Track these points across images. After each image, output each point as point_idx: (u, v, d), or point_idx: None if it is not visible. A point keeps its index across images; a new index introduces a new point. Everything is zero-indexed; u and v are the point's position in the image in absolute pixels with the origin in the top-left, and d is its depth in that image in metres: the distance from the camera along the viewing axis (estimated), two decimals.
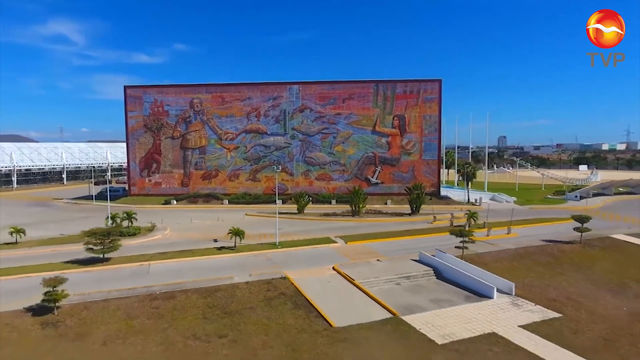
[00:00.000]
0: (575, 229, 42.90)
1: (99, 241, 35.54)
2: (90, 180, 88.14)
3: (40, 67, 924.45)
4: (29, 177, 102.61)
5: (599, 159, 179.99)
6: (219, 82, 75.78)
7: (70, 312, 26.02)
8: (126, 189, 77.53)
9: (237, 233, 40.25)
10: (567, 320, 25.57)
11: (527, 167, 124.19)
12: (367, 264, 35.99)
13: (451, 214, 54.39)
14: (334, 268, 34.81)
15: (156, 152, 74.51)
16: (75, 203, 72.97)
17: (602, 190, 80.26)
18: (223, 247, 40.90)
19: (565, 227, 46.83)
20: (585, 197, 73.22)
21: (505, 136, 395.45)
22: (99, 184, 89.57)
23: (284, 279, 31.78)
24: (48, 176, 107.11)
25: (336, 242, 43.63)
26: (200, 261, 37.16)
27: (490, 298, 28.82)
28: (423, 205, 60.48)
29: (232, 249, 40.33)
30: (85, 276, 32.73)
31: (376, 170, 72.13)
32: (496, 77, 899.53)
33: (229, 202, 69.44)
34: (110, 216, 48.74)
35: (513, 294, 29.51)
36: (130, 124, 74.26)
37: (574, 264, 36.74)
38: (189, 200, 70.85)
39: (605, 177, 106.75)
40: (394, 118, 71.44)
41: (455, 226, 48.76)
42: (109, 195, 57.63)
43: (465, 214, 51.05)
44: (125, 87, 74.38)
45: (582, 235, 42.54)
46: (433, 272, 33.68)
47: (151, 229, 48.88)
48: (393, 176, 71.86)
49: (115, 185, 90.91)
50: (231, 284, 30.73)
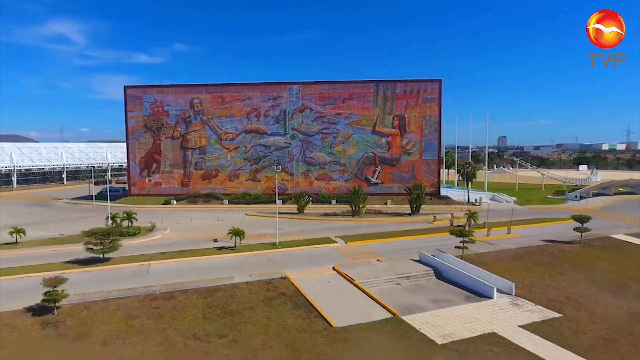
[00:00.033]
0: (575, 229, 42.91)
1: (99, 241, 35.57)
2: (90, 180, 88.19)
3: (40, 67, 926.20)
4: (29, 177, 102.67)
5: (599, 159, 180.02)
6: (219, 82, 75.82)
7: (70, 312, 26.03)
8: (126, 189, 77.55)
9: (237, 233, 40.27)
10: (567, 320, 25.57)
11: (527, 167, 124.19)
12: (367, 264, 36.00)
13: (451, 214, 54.41)
14: (334, 268, 34.83)
15: (156, 152, 74.54)
16: (75, 203, 73.00)
17: (602, 190, 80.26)
18: (223, 247, 40.92)
19: (565, 227, 46.82)
20: (585, 197, 73.24)
21: (505, 136, 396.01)
22: (99, 184, 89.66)
23: (284, 279, 31.79)
24: (48, 176, 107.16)
25: (336, 242, 43.65)
26: (200, 261, 37.18)
27: (490, 298, 28.83)
28: (423, 205, 60.50)
29: (232, 249, 40.35)
30: (85, 276, 32.75)
31: (376, 170, 72.14)
32: (496, 77, 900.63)
33: (229, 202, 69.47)
34: (110, 216, 48.74)
35: (513, 294, 29.52)
36: (130, 124, 74.31)
37: (574, 264, 36.76)
38: (189, 200, 70.88)
39: (605, 177, 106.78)
40: (394, 118, 71.47)
41: (455, 226, 48.77)
42: (109, 195, 57.67)
43: (465, 214, 51.05)
44: (125, 87, 74.42)
45: (582, 235, 42.56)
46: (433, 272, 33.69)
47: (151, 229, 48.91)
48: (393, 176, 71.88)
49: (115, 185, 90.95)
50: (231, 284, 30.75)
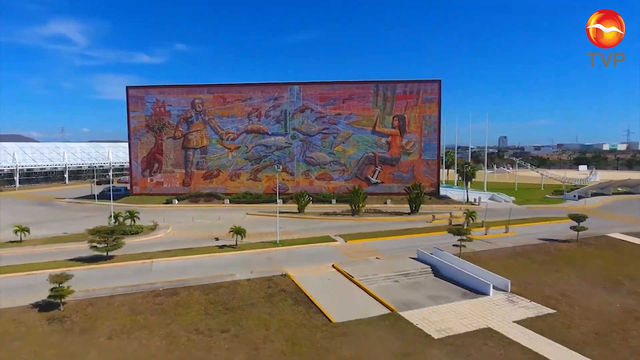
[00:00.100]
0: (572, 228, 43.42)
1: (103, 239, 36.19)
2: (92, 180, 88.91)
3: (41, 68, 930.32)
4: (31, 177, 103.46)
5: (599, 159, 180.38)
6: (220, 83, 76.52)
7: (76, 308, 26.65)
8: (128, 188, 78.23)
9: (239, 232, 40.86)
10: (561, 316, 26.12)
11: (527, 167, 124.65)
12: (366, 261, 36.59)
13: (450, 213, 55.00)
14: (333, 266, 35.42)
15: (158, 152, 75.17)
16: (78, 202, 73.66)
17: (601, 190, 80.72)
18: (224, 246, 41.53)
19: (563, 226, 47.26)
20: (584, 197, 73.71)
21: (505, 136, 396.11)
22: (101, 184, 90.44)
23: (285, 276, 32.38)
24: (50, 176, 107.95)
25: (336, 241, 44.23)
26: (202, 259, 37.81)
27: (486, 295, 29.37)
28: (422, 205, 61.04)
29: (234, 247, 40.95)
30: (89, 273, 33.37)
31: (376, 170, 72.70)
32: (496, 77, 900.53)
33: (230, 202, 70.06)
34: (113, 215, 49.36)
35: (509, 291, 30.07)
36: (132, 124, 74.97)
37: (570, 262, 37.31)
38: (191, 200, 71.50)
39: (604, 177, 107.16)
40: (393, 118, 72.02)
41: (453, 225, 49.33)
42: (112, 195, 58.28)
43: (464, 213, 51.59)
44: (128, 88, 75.08)
45: (579, 234, 43.09)
46: (431, 270, 34.24)
47: (153, 228, 49.54)
48: (393, 176, 72.44)
49: (117, 184, 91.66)
50: (233, 281, 31.34)
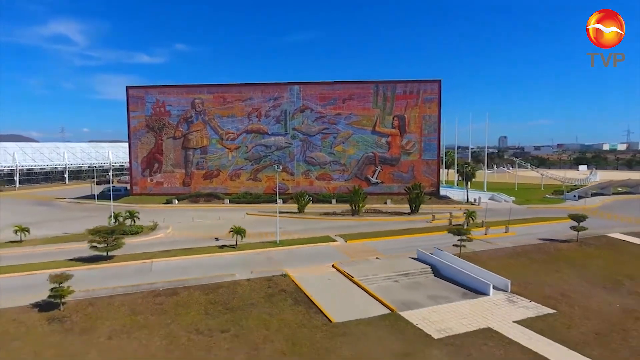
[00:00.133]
0: (572, 228, 43.43)
1: (103, 239, 36.20)
2: (92, 180, 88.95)
3: (41, 68, 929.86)
4: (31, 177, 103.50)
5: (599, 159, 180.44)
6: (221, 83, 76.54)
7: (76, 308, 26.66)
8: (128, 188, 78.24)
9: (239, 231, 40.86)
10: (561, 316, 26.13)
11: (527, 167, 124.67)
12: (366, 261, 36.60)
13: (450, 213, 55.01)
14: (333, 266, 35.43)
15: (158, 152, 75.18)
16: (78, 202, 73.67)
17: (601, 190, 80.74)
18: (224, 246, 41.54)
19: (563, 226, 47.27)
20: (584, 197, 73.73)
21: (506, 136, 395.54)
22: (101, 184, 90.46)
23: (285, 276, 32.39)
24: (50, 176, 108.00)
25: (336, 241, 44.24)
26: (202, 259, 37.82)
27: (486, 295, 29.38)
28: (422, 205, 61.05)
29: (234, 247, 40.96)
30: (89, 273, 33.37)
31: (376, 170, 72.71)
32: (496, 77, 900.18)
33: (230, 202, 70.07)
34: (113, 215, 49.36)
35: (509, 291, 30.07)
36: (132, 124, 74.97)
37: (570, 262, 37.31)
38: (191, 200, 71.51)
39: (604, 177, 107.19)
40: (393, 118, 72.03)
41: (453, 225, 49.34)
42: (112, 195, 58.31)
43: (464, 213, 51.60)
44: (128, 88, 75.10)
45: (579, 234, 43.10)
46: (431, 270, 34.25)
47: (153, 228, 49.55)
48: (393, 176, 72.45)
49: (117, 184, 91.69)
50: (233, 281, 31.36)
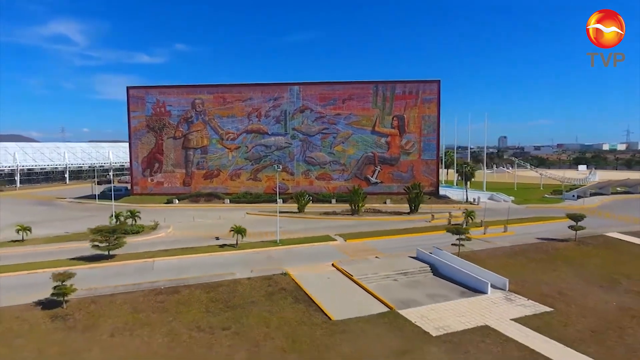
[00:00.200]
0: (570, 227, 43.73)
1: (105, 238, 36.53)
2: (92, 179, 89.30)
3: (41, 68, 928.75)
4: (31, 177, 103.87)
5: (599, 159, 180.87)
6: (221, 83, 76.87)
7: (79, 306, 26.98)
8: (128, 188, 78.54)
9: (239, 231, 41.16)
10: (558, 314, 26.42)
11: (526, 167, 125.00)
12: (366, 260, 36.91)
13: (449, 213, 55.30)
14: (333, 265, 35.74)
15: (158, 152, 75.49)
16: (79, 202, 73.99)
17: (600, 190, 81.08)
18: (225, 245, 41.83)
19: (561, 226, 47.61)
20: (583, 197, 74.03)
21: (505, 136, 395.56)
22: (102, 184, 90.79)
23: (285, 274, 32.71)
24: (51, 176, 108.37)
25: (336, 240, 44.55)
26: (203, 258, 38.12)
27: (484, 293, 29.68)
28: (422, 205, 61.37)
29: (234, 246, 41.26)
30: (91, 272, 33.67)
31: (376, 169, 73.02)
32: (496, 77, 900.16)
33: (231, 202, 70.38)
34: (114, 214, 49.65)
35: (507, 290, 30.37)
36: (133, 124, 75.28)
37: (568, 261, 37.60)
38: (191, 200, 71.81)
39: (603, 177, 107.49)
40: (393, 118, 72.34)
41: (452, 224, 49.63)
42: (112, 195, 58.62)
43: (463, 212, 51.92)
44: (128, 88, 75.41)
45: (577, 233, 43.42)
46: (430, 269, 34.55)
47: (154, 227, 49.86)
48: (392, 176, 72.76)
49: (118, 184, 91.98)
50: (233, 279, 31.67)
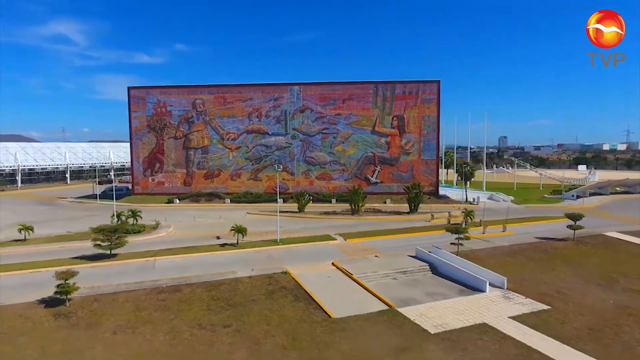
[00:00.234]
0: (569, 227, 43.97)
1: (106, 238, 36.84)
2: (94, 179, 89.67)
3: (41, 68, 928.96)
4: (32, 177, 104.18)
5: (599, 159, 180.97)
6: (221, 83, 77.13)
7: (81, 304, 27.28)
8: (129, 188, 78.86)
9: (240, 230, 41.45)
10: (556, 312, 26.70)
11: (526, 167, 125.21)
12: (365, 259, 37.20)
13: (449, 213, 55.61)
14: (333, 264, 36.02)
15: (159, 152, 75.77)
16: (80, 202, 74.32)
17: (599, 190, 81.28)
18: (226, 244, 42.13)
19: (560, 225, 47.84)
20: (582, 197, 74.25)
21: (505, 136, 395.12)
22: (103, 184, 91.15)
23: (285, 273, 32.99)
24: (51, 176, 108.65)
25: (336, 240, 44.82)
26: (204, 257, 38.40)
27: (483, 292, 29.97)
28: (421, 204, 61.63)
29: (235, 245, 41.55)
30: (93, 271, 33.99)
31: (375, 169, 73.28)
32: (496, 77, 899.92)
33: (231, 201, 70.65)
34: (115, 214, 49.93)
35: (505, 288, 30.65)
36: (133, 124, 75.56)
37: (566, 260, 37.86)
38: (192, 199, 72.09)
39: (603, 177, 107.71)
40: (393, 118, 72.60)
41: (452, 224, 49.88)
42: (114, 195, 58.92)
43: (463, 212, 52.19)
44: (129, 88, 75.69)
45: (575, 233, 43.65)
46: (429, 268, 34.84)
47: (155, 227, 50.15)
48: (392, 176, 73.02)
49: (119, 184, 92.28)
50: (234, 278, 31.97)
